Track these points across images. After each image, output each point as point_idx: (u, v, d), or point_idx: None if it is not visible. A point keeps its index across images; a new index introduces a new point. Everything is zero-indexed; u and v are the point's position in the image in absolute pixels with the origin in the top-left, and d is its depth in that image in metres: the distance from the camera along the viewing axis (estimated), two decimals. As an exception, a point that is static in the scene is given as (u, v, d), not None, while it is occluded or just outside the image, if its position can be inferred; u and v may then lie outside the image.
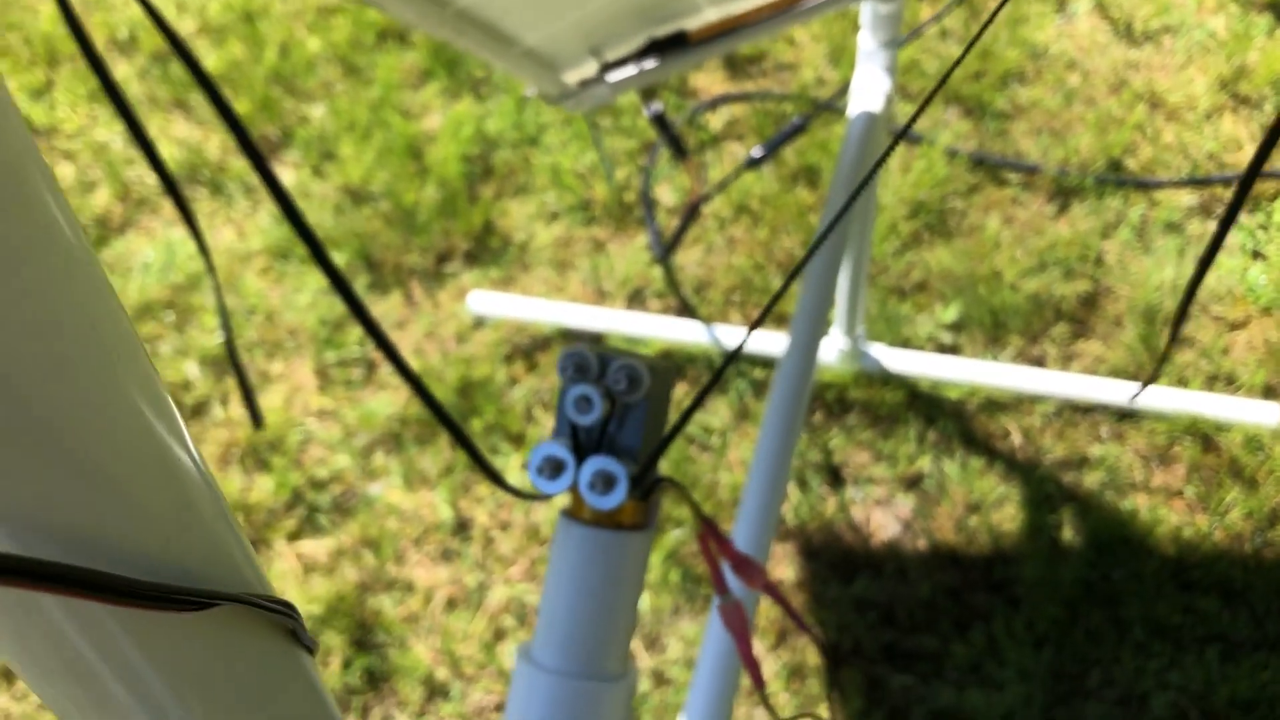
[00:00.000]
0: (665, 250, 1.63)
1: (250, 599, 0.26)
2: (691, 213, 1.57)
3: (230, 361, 0.63)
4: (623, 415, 0.43)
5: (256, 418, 0.68)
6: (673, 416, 0.45)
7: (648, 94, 1.43)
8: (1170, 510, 1.39)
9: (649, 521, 0.44)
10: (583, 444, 0.43)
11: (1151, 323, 1.55)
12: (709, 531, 0.42)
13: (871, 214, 1.39)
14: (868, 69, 1.21)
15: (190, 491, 0.26)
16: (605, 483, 0.41)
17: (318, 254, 0.42)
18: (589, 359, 0.43)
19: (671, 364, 0.45)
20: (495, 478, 0.45)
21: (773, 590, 0.42)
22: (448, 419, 0.44)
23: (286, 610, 0.28)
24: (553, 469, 0.42)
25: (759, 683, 0.41)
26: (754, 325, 0.41)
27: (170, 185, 0.58)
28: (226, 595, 0.25)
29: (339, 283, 0.42)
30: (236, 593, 0.26)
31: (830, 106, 1.81)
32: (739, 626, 0.41)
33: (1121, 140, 1.74)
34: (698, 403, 0.41)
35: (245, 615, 0.27)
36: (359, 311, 0.43)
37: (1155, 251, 1.63)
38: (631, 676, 0.44)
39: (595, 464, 0.42)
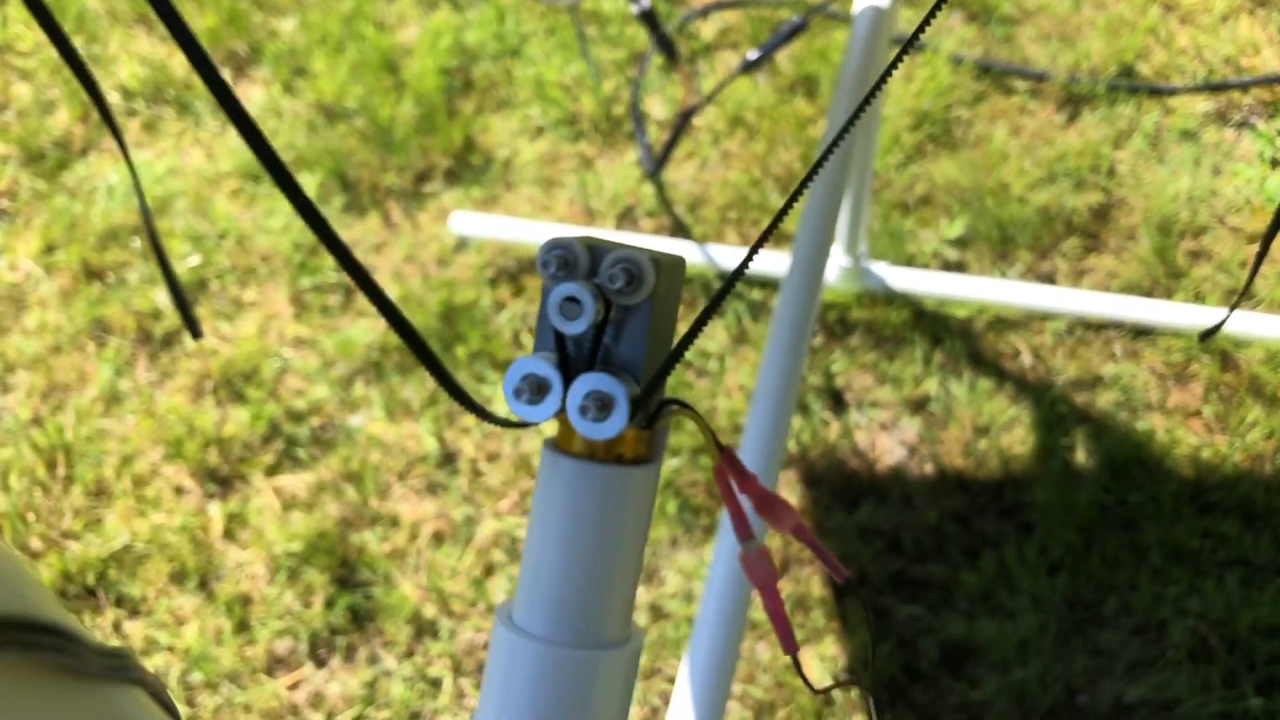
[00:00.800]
0: (656, 165, 1.55)
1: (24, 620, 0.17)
2: (683, 122, 1.49)
3: (160, 266, 0.55)
4: (620, 322, 0.35)
5: (193, 327, 0.60)
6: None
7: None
8: (1188, 431, 1.33)
9: (654, 454, 0.36)
10: (571, 359, 0.36)
11: (1167, 235, 1.47)
12: (729, 465, 0.35)
13: (875, 125, 1.31)
14: (874, -38, 1.12)
15: None
16: (600, 406, 0.34)
17: (278, 174, 0.34)
18: (577, 251, 0.35)
19: (679, 258, 0.37)
20: (463, 397, 0.37)
21: (804, 533, 0.36)
22: (422, 345, 0.36)
23: (108, 655, 0.19)
24: (534, 390, 0.35)
25: (789, 645, 0.34)
26: (759, 241, 0.34)
27: (103, 108, 0.50)
28: None
29: (307, 209, 0.35)
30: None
31: (829, 11, 1.71)
32: (765, 579, 0.34)
33: (1134, 45, 1.66)
34: (711, 308, 0.34)
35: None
36: (326, 236, 0.35)
37: (1170, 161, 1.56)
38: (635, 641, 0.37)
39: (587, 383, 0.34)
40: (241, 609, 1.29)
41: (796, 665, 0.35)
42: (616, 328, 0.35)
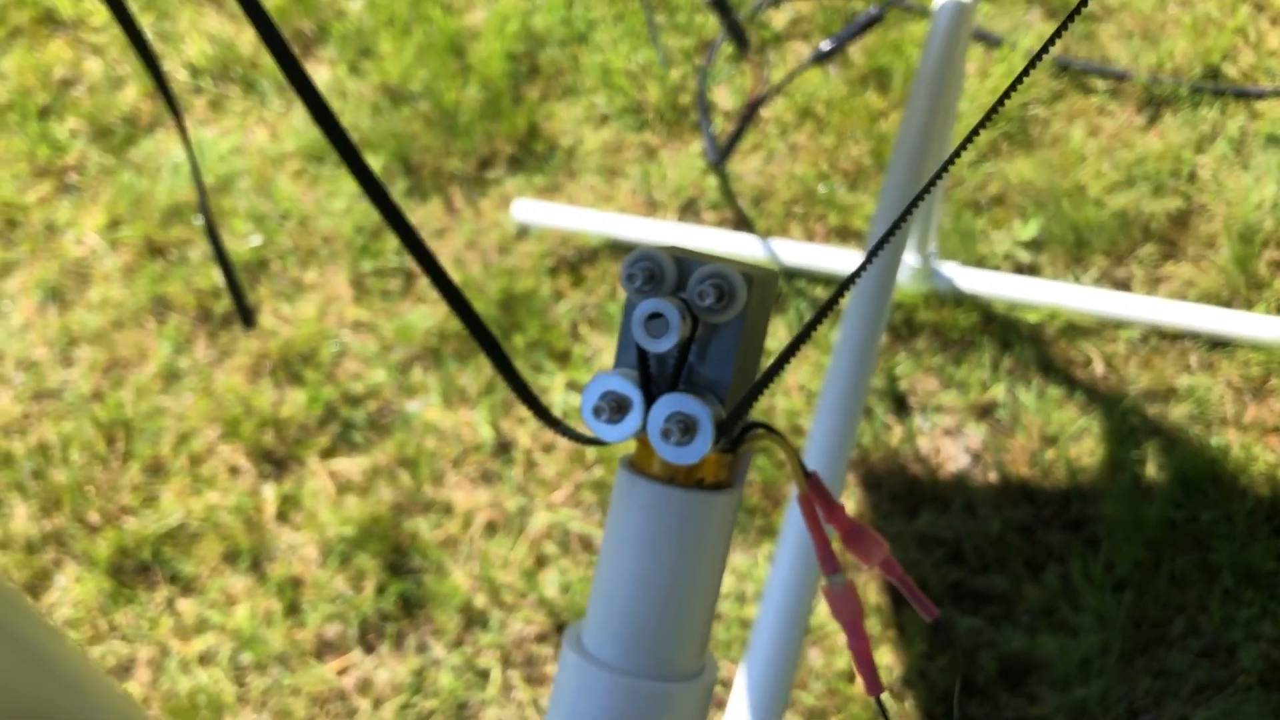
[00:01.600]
0: (720, 155, 1.52)
1: None
2: (750, 113, 1.46)
3: (215, 255, 0.54)
4: (707, 340, 0.33)
5: (246, 316, 0.59)
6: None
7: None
8: (1265, 448, 1.29)
9: (736, 480, 0.34)
10: (654, 377, 0.34)
11: (1249, 244, 1.42)
12: (815, 494, 0.33)
13: (950, 123, 1.27)
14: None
15: None
16: (683, 429, 0.32)
17: (350, 156, 0.33)
18: (664, 264, 0.33)
19: (771, 272, 0.35)
20: (548, 416, 0.36)
21: (892, 567, 0.33)
22: (492, 341, 0.35)
23: None
24: (614, 408, 0.33)
25: (874, 687, 0.32)
26: (870, 255, 0.32)
27: (164, 89, 0.49)
28: None
29: (374, 189, 0.33)
30: None
31: (905, 3, 1.67)
32: (851, 615, 0.32)
33: (1220, 45, 1.60)
34: (805, 334, 0.32)
35: None
36: (398, 223, 0.34)
37: (1255, 167, 1.50)
38: (709, 674, 0.35)
39: (670, 404, 0.32)
40: (293, 591, 1.29)
41: (881, 708, 0.33)
42: (702, 346, 0.33)
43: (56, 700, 0.17)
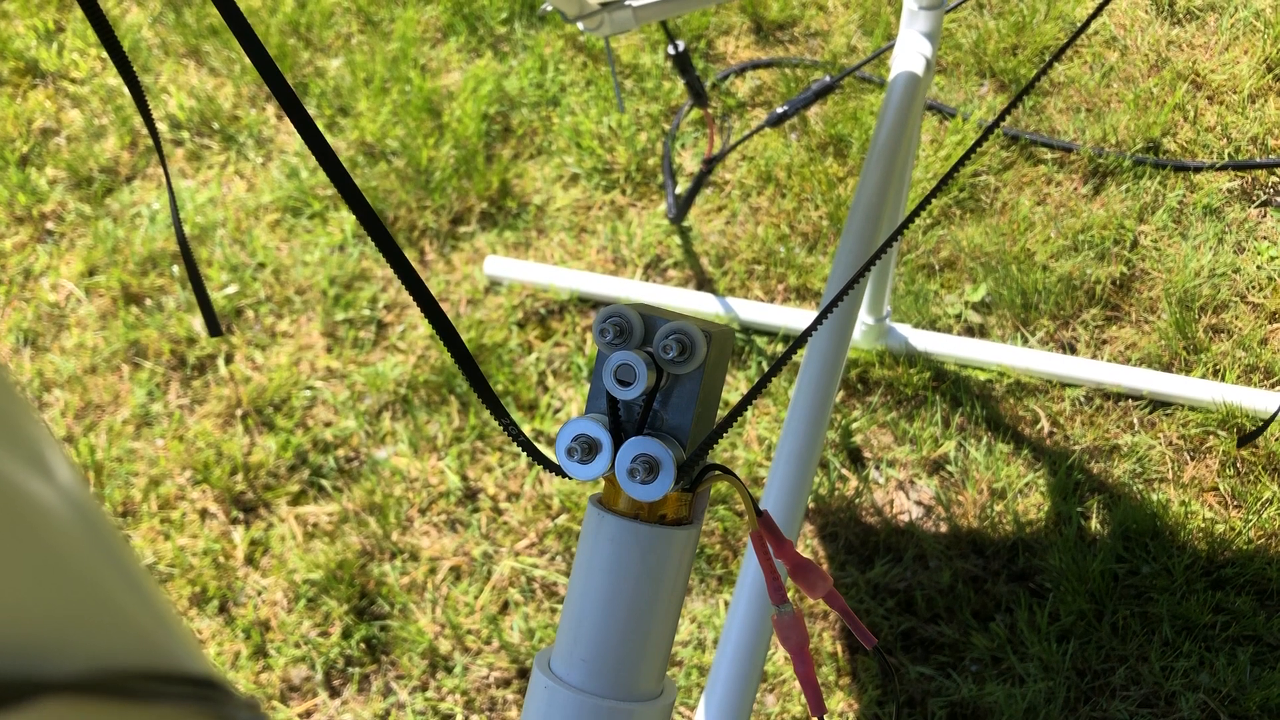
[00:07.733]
0: (679, 212, 1.57)
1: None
2: (708, 170, 1.52)
3: (184, 262, 0.57)
4: (670, 389, 0.38)
5: (213, 324, 0.62)
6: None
7: (672, 37, 1.38)
8: (1202, 505, 1.34)
9: (695, 517, 0.39)
10: (623, 422, 0.38)
11: (1188, 309, 1.49)
12: (766, 530, 0.37)
13: (905, 189, 1.33)
14: (910, 33, 1.15)
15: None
16: (648, 469, 0.36)
17: (349, 193, 0.37)
18: (632, 320, 0.37)
19: (729, 329, 0.39)
20: (529, 446, 0.40)
21: (836, 599, 0.38)
22: (477, 373, 0.39)
23: (249, 706, 0.19)
24: (586, 450, 0.37)
25: (818, 709, 0.36)
26: (823, 311, 0.36)
27: (153, 131, 0.52)
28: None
29: (372, 224, 0.37)
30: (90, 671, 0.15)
31: (861, 74, 1.74)
32: (797, 643, 0.36)
33: (1161, 121, 1.68)
34: (760, 386, 0.36)
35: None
36: (385, 244, 0.38)
37: (1193, 236, 1.58)
38: (668, 695, 0.39)
39: (636, 446, 0.37)
40: (260, 635, 1.31)
41: (821, 724, 0.37)
42: (666, 394, 0.38)
43: (154, 631, 0.19)
